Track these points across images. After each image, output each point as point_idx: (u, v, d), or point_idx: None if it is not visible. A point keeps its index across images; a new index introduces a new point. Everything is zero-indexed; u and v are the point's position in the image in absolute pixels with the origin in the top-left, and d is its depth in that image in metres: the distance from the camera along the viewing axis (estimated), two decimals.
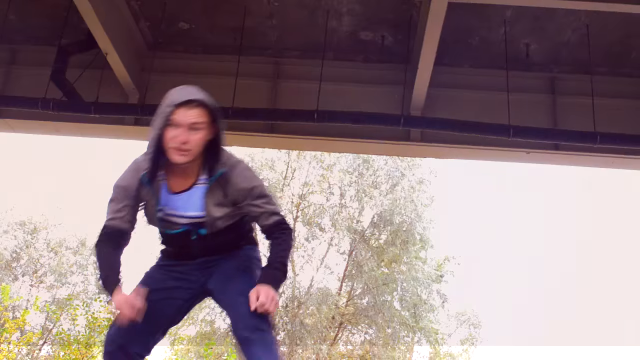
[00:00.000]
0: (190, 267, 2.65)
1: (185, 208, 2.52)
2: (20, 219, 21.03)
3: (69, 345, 12.88)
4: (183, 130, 2.33)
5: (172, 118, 2.34)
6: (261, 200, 2.53)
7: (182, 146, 2.34)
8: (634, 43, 6.45)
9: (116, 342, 2.45)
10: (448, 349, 21.14)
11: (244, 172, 2.52)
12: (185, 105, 2.34)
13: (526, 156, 6.73)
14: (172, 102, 2.36)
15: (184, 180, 2.51)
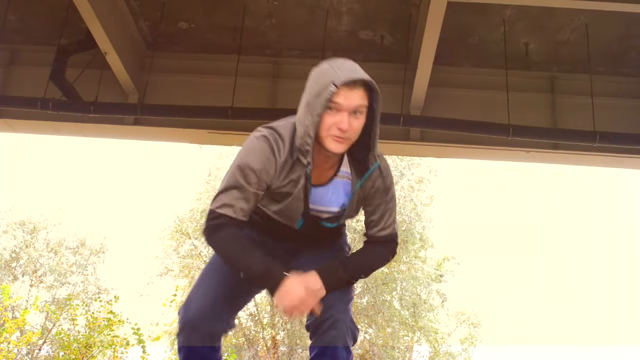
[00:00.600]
0: (278, 247, 2.32)
1: (324, 202, 2.20)
2: (19, 219, 21.03)
3: (69, 345, 12.85)
4: (344, 115, 1.99)
5: (335, 99, 1.97)
6: (390, 206, 2.25)
7: (343, 134, 2.00)
8: (633, 42, 6.45)
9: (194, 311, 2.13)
10: (448, 349, 21.15)
11: (387, 168, 2.22)
12: (350, 85, 1.98)
13: (526, 155, 6.74)
14: (334, 81, 1.97)
15: (323, 172, 2.17)
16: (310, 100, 2.03)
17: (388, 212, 2.24)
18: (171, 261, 18.60)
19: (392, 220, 2.25)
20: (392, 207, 2.25)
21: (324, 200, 2.19)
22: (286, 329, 17.16)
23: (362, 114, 2.03)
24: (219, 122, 6.52)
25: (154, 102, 6.61)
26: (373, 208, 2.23)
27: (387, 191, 2.21)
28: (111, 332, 12.88)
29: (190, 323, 2.13)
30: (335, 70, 2.01)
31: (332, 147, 2.02)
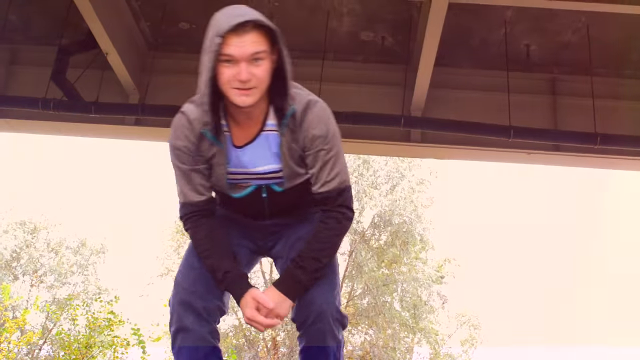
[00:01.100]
0: (256, 228, 2.23)
1: (255, 163, 2.03)
2: (20, 219, 21.04)
3: (69, 345, 12.85)
4: (242, 65, 1.85)
5: (225, 51, 1.86)
6: (329, 157, 1.98)
7: (245, 85, 1.85)
8: (634, 44, 6.45)
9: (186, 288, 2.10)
10: (448, 350, 21.13)
11: (318, 113, 1.98)
12: (237, 31, 1.84)
13: (526, 157, 6.73)
14: (219, 31, 1.87)
15: (248, 129, 2.01)
16: (203, 56, 1.99)
17: (328, 162, 1.99)
18: (171, 261, 18.60)
19: (334, 172, 2.00)
20: (333, 157, 1.99)
21: (254, 160, 2.03)
22: (286, 330, 17.16)
23: (263, 60, 1.89)
24: None
25: (155, 102, 6.62)
26: (311, 161, 2.00)
27: (319, 138, 1.97)
28: (111, 332, 12.88)
29: (180, 300, 2.10)
30: (223, 16, 1.89)
31: (238, 101, 1.89)
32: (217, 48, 1.88)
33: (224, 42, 1.86)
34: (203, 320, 2.06)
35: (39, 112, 6.44)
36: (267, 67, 1.91)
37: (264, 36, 1.90)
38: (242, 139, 2.03)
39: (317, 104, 2.00)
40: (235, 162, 2.04)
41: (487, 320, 29.06)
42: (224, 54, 1.87)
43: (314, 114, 1.98)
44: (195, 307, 2.05)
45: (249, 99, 1.88)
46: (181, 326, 2.10)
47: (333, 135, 1.99)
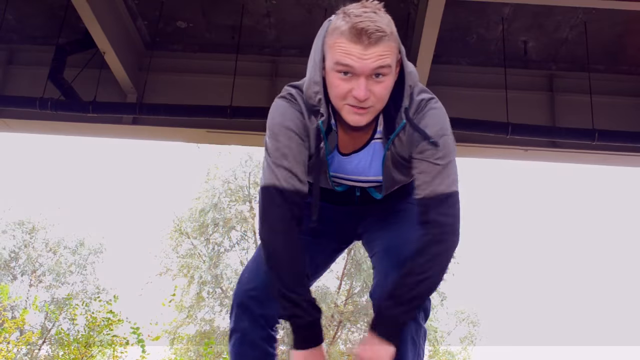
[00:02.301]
0: (341, 212, 2.06)
1: (357, 172, 1.88)
2: (18, 219, 21.02)
3: (68, 344, 12.87)
4: (362, 81, 1.60)
5: (344, 62, 1.59)
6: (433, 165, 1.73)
7: (362, 104, 1.63)
8: (632, 40, 6.46)
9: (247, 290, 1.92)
10: (447, 348, 21.16)
11: (430, 116, 1.77)
12: (363, 39, 1.57)
13: (524, 154, 6.74)
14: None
15: (357, 137, 1.83)
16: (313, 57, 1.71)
17: (435, 167, 1.73)
18: (170, 260, 18.60)
19: (441, 177, 1.73)
20: (440, 163, 1.73)
21: (357, 170, 1.87)
22: (286, 328, 17.14)
23: (386, 75, 1.63)
24: (217, 121, 6.52)
25: (153, 101, 6.61)
26: (416, 165, 1.77)
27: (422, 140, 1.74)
28: (110, 331, 12.89)
29: (239, 302, 1.95)
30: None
31: (351, 120, 1.68)
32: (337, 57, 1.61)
33: (344, 50, 1.59)
34: (259, 326, 1.95)
35: (36, 112, 6.43)
36: (389, 84, 1.66)
37: (391, 49, 1.62)
38: (349, 147, 1.85)
39: (429, 104, 1.79)
40: (336, 167, 1.88)
41: (486, 318, 29.10)
42: (342, 63, 1.60)
43: (422, 114, 1.77)
44: (252, 312, 1.92)
45: (364, 119, 1.68)
46: (236, 327, 1.98)
47: (442, 137, 1.76)
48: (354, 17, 1.58)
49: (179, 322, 17.43)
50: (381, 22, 1.59)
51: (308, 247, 1.91)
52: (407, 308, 1.70)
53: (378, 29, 1.56)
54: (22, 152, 37.37)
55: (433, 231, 1.72)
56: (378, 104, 1.66)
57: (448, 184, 1.74)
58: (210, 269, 17.46)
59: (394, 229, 1.98)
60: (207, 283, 17.61)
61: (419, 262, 1.71)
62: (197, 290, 17.64)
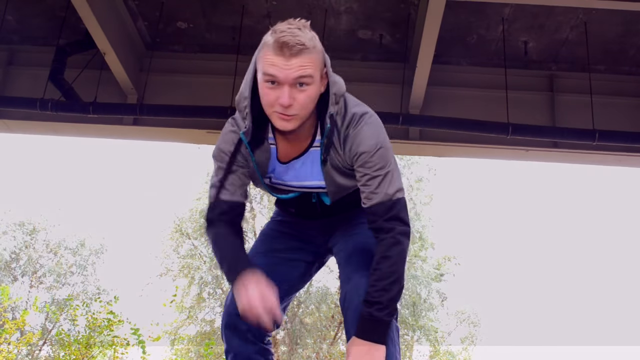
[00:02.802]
0: (313, 226, 2.25)
1: (299, 178, 2.03)
2: (19, 220, 21.03)
3: (69, 345, 12.87)
4: (286, 89, 1.76)
5: (269, 72, 1.77)
6: (374, 172, 1.90)
7: (286, 111, 1.78)
8: (632, 41, 6.46)
9: (231, 311, 2.05)
10: (448, 348, 21.16)
11: (363, 128, 1.91)
12: (284, 51, 1.76)
13: (525, 154, 6.74)
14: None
15: (296, 145, 1.99)
16: (250, 68, 1.91)
17: (375, 178, 1.90)
18: (170, 261, 18.60)
19: (383, 186, 1.90)
20: (379, 172, 1.90)
21: (299, 176, 2.03)
22: (286, 328, 17.17)
23: (309, 85, 1.78)
24: (218, 122, 6.50)
25: (153, 102, 6.61)
26: (358, 176, 1.94)
27: (363, 154, 1.89)
28: (111, 332, 12.89)
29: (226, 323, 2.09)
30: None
31: (279, 125, 1.82)
32: (263, 68, 1.80)
33: (269, 61, 1.78)
34: (249, 342, 2.08)
35: (36, 113, 6.43)
36: (312, 92, 1.81)
37: (315, 59, 1.80)
38: (288, 155, 2.00)
39: (363, 119, 1.92)
40: (279, 175, 2.04)
41: (486, 318, 29.09)
42: (268, 73, 1.78)
43: (358, 129, 1.91)
44: (240, 330, 2.06)
45: (288, 125, 1.82)
46: (229, 348, 2.12)
47: (379, 150, 1.90)
48: (279, 32, 1.79)
49: (180, 322, 17.44)
50: (303, 37, 1.78)
51: (284, 264, 2.18)
52: (389, 309, 1.88)
53: (299, 42, 1.75)
54: (23, 153, 37.37)
55: (387, 236, 1.91)
56: (302, 111, 1.80)
57: (391, 191, 1.92)
58: (211, 270, 17.46)
59: (354, 239, 2.14)
60: (207, 284, 17.62)
61: (386, 266, 1.88)
62: (198, 291, 17.64)
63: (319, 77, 1.83)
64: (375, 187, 1.90)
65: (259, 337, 2.09)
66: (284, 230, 2.28)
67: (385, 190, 1.91)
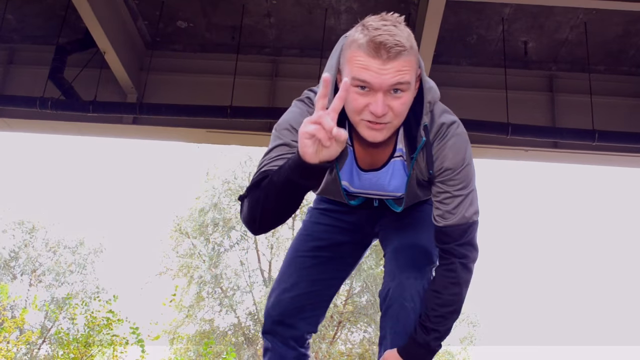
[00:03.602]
0: (361, 216, 2.09)
1: (377, 187, 1.85)
2: (18, 218, 21.02)
3: (68, 344, 12.86)
4: (380, 96, 1.52)
5: (361, 77, 1.51)
6: (454, 191, 1.74)
7: (380, 119, 1.55)
8: (632, 41, 6.46)
9: (273, 316, 1.99)
10: (447, 347, 21.15)
11: (451, 141, 1.76)
12: (381, 53, 1.49)
13: (525, 154, 6.74)
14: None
15: (376, 154, 1.79)
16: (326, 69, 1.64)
17: (456, 198, 1.74)
18: (170, 260, 18.60)
19: (462, 208, 1.74)
20: (460, 191, 1.74)
21: (377, 185, 1.84)
22: None
23: (405, 91, 1.55)
24: (217, 121, 6.52)
25: (153, 101, 6.61)
26: (436, 190, 1.77)
27: (448, 170, 1.73)
28: (110, 331, 12.89)
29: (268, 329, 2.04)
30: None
31: (367, 135, 1.60)
32: (354, 71, 1.53)
33: (361, 64, 1.52)
34: (290, 347, 2.02)
35: (36, 112, 6.43)
36: (408, 99, 1.58)
37: (411, 64, 1.54)
38: (367, 162, 1.81)
39: (450, 130, 1.76)
40: (355, 181, 1.85)
41: (486, 318, 29.10)
42: (359, 78, 1.52)
43: (445, 141, 1.74)
44: (282, 336, 2.01)
45: (381, 135, 1.60)
46: (268, 347, 2.06)
47: (465, 168, 1.76)
48: (373, 30, 1.53)
49: (179, 321, 17.44)
50: (401, 35, 1.52)
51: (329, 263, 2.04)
52: (443, 339, 1.81)
53: (397, 43, 1.50)
54: (23, 151, 37.36)
55: (458, 261, 1.79)
56: (396, 120, 1.60)
57: (469, 214, 1.77)
58: (210, 269, 17.46)
59: (405, 230, 2.00)
60: (206, 283, 17.61)
61: (453, 293, 1.80)
62: (197, 290, 17.64)
63: (414, 82, 1.61)
64: (454, 207, 1.75)
65: (300, 342, 2.03)
66: (329, 222, 2.10)
67: (463, 213, 1.76)
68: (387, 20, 1.57)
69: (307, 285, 2.01)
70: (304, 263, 2.04)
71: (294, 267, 2.05)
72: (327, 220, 2.11)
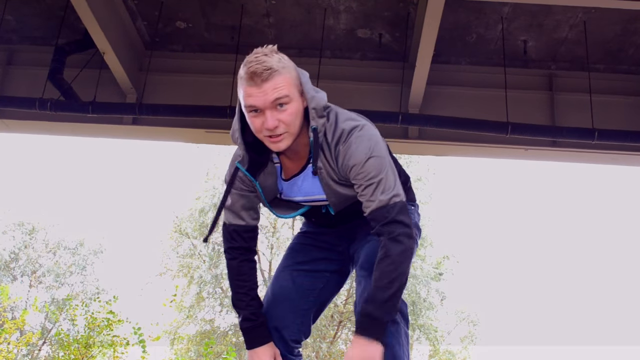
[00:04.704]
0: (333, 234, 2.33)
1: (304, 192, 2.12)
2: (18, 220, 21.03)
3: (69, 345, 12.86)
4: (268, 113, 1.86)
5: (249, 103, 1.87)
6: (368, 180, 1.95)
7: (274, 132, 1.88)
8: (631, 40, 6.46)
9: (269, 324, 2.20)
10: (447, 347, 21.17)
11: (352, 143, 1.96)
12: (255, 80, 1.85)
13: (524, 153, 6.74)
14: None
15: (296, 161, 2.09)
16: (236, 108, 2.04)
17: (370, 186, 1.95)
18: (170, 261, 18.61)
19: (376, 194, 1.94)
20: (373, 180, 1.95)
21: (302, 191, 2.11)
22: None
23: (288, 104, 1.87)
24: (217, 122, 6.52)
25: (153, 101, 6.61)
26: (355, 187, 2.00)
27: (354, 167, 1.95)
28: (111, 331, 12.89)
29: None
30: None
31: (272, 147, 1.94)
32: (242, 100, 1.90)
33: (246, 93, 1.88)
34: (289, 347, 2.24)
35: (36, 113, 6.43)
36: (293, 109, 1.90)
37: (285, 80, 1.89)
38: (289, 172, 2.11)
39: (351, 134, 1.97)
40: (286, 191, 2.14)
41: (486, 318, 29.09)
42: (248, 104, 1.88)
43: (347, 144, 1.96)
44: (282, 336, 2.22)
45: (283, 144, 1.92)
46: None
47: (368, 160, 1.95)
48: (248, 64, 1.89)
49: (179, 322, 17.44)
50: (269, 61, 1.87)
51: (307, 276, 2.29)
52: (387, 307, 1.90)
53: (266, 68, 1.85)
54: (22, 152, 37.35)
55: (388, 237, 1.93)
56: (290, 129, 1.90)
57: (385, 197, 1.94)
58: (210, 269, 17.47)
59: (368, 245, 2.17)
60: (207, 283, 17.62)
61: (385, 265, 1.91)
62: (197, 290, 17.65)
63: (297, 94, 1.92)
64: (370, 195, 1.95)
65: (288, 350, 2.22)
66: (308, 242, 2.37)
67: (379, 197, 1.94)
68: (259, 53, 1.94)
69: (287, 293, 2.25)
70: (285, 276, 2.30)
71: (275, 280, 2.32)
72: (306, 240, 2.39)
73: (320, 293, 2.31)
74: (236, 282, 2.20)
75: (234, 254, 2.18)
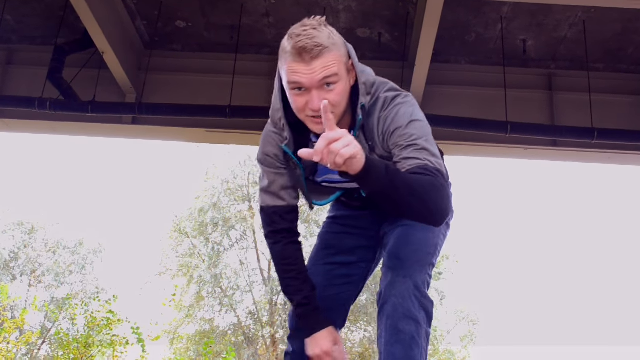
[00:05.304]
0: (365, 219, 2.24)
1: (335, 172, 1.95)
2: (18, 219, 21.01)
3: (68, 344, 12.86)
4: (314, 93, 1.72)
5: (294, 80, 1.72)
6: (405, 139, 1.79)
7: (319, 113, 1.70)
8: (631, 39, 6.46)
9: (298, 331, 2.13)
10: (447, 347, 21.17)
11: (395, 111, 1.86)
12: (304, 57, 1.69)
13: (524, 152, 6.74)
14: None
15: None
16: (275, 86, 1.91)
17: (412, 145, 1.78)
18: (170, 260, 18.60)
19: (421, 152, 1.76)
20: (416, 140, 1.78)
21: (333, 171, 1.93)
22: (285, 327, 17.16)
23: (336, 83, 1.74)
24: (216, 121, 6.52)
25: (152, 101, 6.61)
26: (394, 151, 1.84)
27: (396, 130, 1.82)
28: (110, 331, 12.89)
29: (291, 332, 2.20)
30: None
31: (315, 129, 1.80)
32: (286, 79, 1.75)
33: (290, 69, 1.72)
34: None
35: (35, 112, 6.43)
36: (341, 89, 1.76)
37: (336, 57, 1.75)
38: None
39: (394, 101, 1.89)
40: (324, 175, 2.03)
41: (486, 317, 29.12)
42: (292, 81, 1.73)
43: (389, 109, 1.87)
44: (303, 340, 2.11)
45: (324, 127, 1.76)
46: (287, 351, 2.24)
47: (411, 122, 1.82)
48: (295, 37, 1.71)
49: (179, 321, 17.43)
50: (320, 37, 1.71)
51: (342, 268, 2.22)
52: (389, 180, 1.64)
53: (316, 44, 1.69)
54: (22, 152, 37.35)
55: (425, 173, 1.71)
56: (336, 110, 1.76)
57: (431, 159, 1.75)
58: (210, 269, 17.46)
59: (401, 230, 2.06)
60: (206, 282, 17.60)
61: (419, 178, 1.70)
62: (197, 290, 17.64)
63: (345, 72, 1.80)
64: (411, 152, 1.76)
65: None
66: (339, 230, 2.28)
67: (422, 156, 1.75)
68: (307, 25, 1.75)
69: (321, 291, 2.13)
70: (318, 271, 2.20)
71: (311, 277, 2.15)
72: (336, 228, 2.29)
73: (356, 285, 2.27)
74: (282, 267, 2.07)
75: (276, 238, 2.08)
